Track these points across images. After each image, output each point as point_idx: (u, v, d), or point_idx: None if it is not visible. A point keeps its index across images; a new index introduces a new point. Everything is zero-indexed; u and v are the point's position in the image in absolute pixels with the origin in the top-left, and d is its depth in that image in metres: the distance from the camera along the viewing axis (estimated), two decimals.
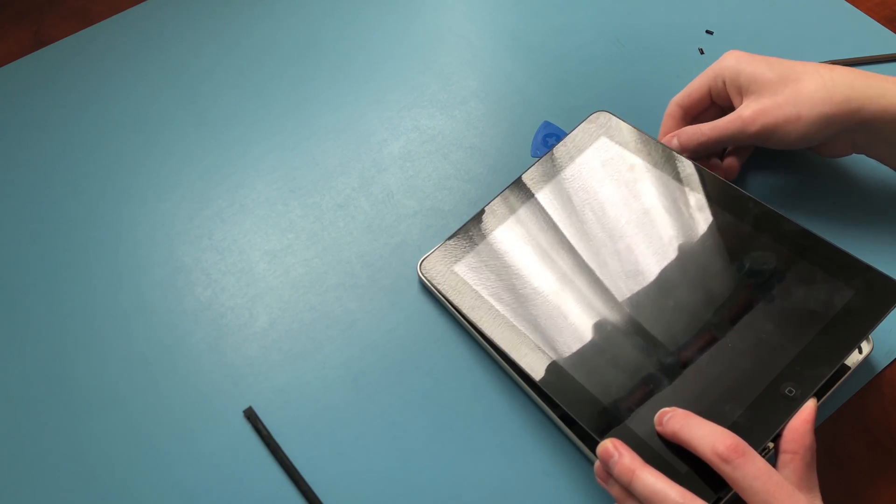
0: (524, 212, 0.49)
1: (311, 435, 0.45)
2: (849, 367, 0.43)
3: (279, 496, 0.43)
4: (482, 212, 0.50)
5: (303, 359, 0.48)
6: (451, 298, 0.47)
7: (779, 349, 0.40)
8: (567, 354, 0.43)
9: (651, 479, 0.35)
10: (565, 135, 0.53)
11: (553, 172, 0.51)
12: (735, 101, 0.49)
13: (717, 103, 0.51)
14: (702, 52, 0.61)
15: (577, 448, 0.43)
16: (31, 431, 0.46)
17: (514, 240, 0.48)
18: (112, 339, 0.49)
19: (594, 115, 0.52)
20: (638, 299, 0.44)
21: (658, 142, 0.49)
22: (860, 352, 0.44)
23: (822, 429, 0.44)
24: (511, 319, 0.45)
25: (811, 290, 0.41)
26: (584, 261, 0.46)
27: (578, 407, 0.41)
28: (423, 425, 0.45)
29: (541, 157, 0.52)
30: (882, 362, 0.46)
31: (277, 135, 0.58)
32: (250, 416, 0.46)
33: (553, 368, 0.42)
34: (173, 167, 0.57)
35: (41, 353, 0.49)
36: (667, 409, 0.38)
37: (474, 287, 0.47)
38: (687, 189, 0.47)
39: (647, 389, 0.40)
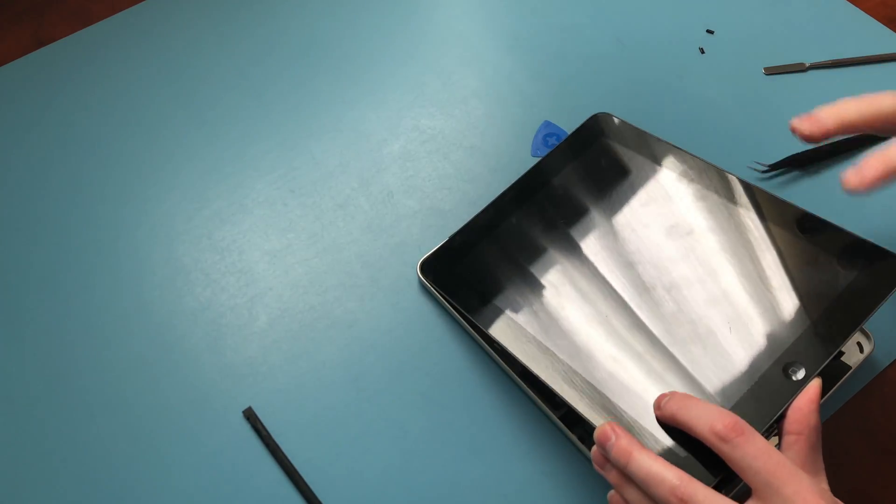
0: (523, 213, 0.49)
1: (311, 435, 0.45)
2: (850, 367, 0.43)
3: (279, 496, 0.43)
4: (481, 213, 0.50)
5: (303, 359, 0.48)
6: (450, 298, 0.47)
7: (782, 329, 0.40)
8: (567, 349, 0.43)
9: (648, 461, 0.34)
10: (566, 134, 0.52)
11: (553, 173, 0.51)
12: None
13: None
14: (702, 52, 0.61)
15: (577, 448, 0.43)
16: (31, 431, 0.46)
17: (514, 240, 0.48)
18: (112, 339, 0.49)
19: (594, 116, 0.52)
20: (632, 285, 0.44)
21: (657, 139, 0.49)
22: (861, 350, 0.44)
23: (822, 428, 0.44)
24: (511, 317, 0.45)
25: (814, 270, 0.41)
26: (584, 258, 0.46)
27: (579, 400, 0.41)
28: (423, 425, 0.45)
29: (541, 158, 0.52)
30: (882, 362, 0.46)
31: (277, 134, 0.58)
32: (250, 416, 0.46)
33: (553, 363, 0.42)
34: (173, 167, 0.57)
35: (41, 353, 0.49)
36: (665, 392, 0.38)
37: (474, 287, 0.47)
38: (686, 179, 0.47)
39: (647, 375, 0.40)
